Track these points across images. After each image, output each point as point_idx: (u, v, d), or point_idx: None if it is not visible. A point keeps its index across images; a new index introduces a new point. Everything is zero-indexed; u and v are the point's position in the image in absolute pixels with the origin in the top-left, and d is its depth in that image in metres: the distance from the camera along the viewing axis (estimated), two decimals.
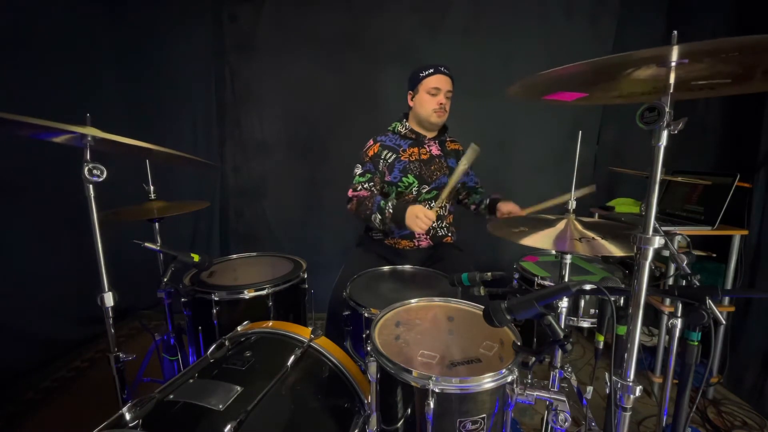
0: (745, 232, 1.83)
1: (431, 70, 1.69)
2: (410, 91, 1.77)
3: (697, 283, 0.92)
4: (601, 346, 1.04)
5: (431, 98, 1.70)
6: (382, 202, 1.62)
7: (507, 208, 1.72)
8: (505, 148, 2.69)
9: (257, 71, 2.64)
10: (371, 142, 1.80)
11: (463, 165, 1.49)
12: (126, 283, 1.28)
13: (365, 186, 1.73)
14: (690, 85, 0.81)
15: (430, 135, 1.82)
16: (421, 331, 1.08)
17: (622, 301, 1.08)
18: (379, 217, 1.61)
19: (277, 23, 2.57)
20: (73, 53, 2.21)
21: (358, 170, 1.77)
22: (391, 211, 1.58)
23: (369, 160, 1.75)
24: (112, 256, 1.10)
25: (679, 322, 1.01)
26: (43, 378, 2.01)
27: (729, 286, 1.86)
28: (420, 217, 1.48)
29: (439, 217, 1.84)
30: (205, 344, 1.48)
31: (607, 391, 0.82)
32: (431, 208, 1.60)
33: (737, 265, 1.85)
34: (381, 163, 1.75)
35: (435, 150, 1.82)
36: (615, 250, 0.99)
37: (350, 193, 1.75)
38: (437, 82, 1.69)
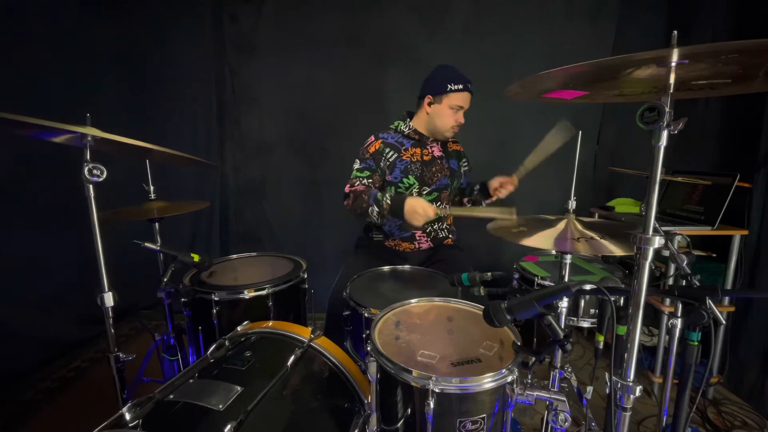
0: (745, 232, 1.83)
1: (461, 86, 1.62)
2: (429, 96, 1.68)
3: (697, 283, 0.92)
4: (601, 346, 1.04)
5: (452, 114, 1.66)
6: (379, 194, 1.55)
7: (497, 183, 1.71)
8: (505, 148, 2.68)
9: (257, 71, 2.64)
10: (372, 138, 1.76)
11: (487, 213, 1.36)
12: (126, 283, 1.27)
13: (363, 182, 1.67)
14: (690, 85, 0.81)
15: (432, 137, 1.80)
16: (421, 331, 1.08)
17: (622, 301, 1.08)
18: (377, 209, 1.53)
19: (277, 23, 2.57)
20: (73, 53, 2.21)
21: (357, 165, 1.72)
22: (389, 202, 1.51)
23: (370, 157, 1.71)
24: (112, 256, 1.10)
25: (679, 322, 1.01)
26: (43, 378, 2.02)
27: (729, 286, 1.86)
28: (419, 213, 1.42)
29: (439, 219, 1.83)
30: (205, 344, 1.48)
31: (607, 391, 0.82)
32: (441, 219, 1.54)
33: (737, 265, 1.85)
34: (382, 161, 1.72)
35: (437, 151, 1.80)
36: (615, 250, 0.99)
37: (347, 188, 1.68)
38: (462, 100, 1.65)
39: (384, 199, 1.52)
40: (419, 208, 1.43)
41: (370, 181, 1.69)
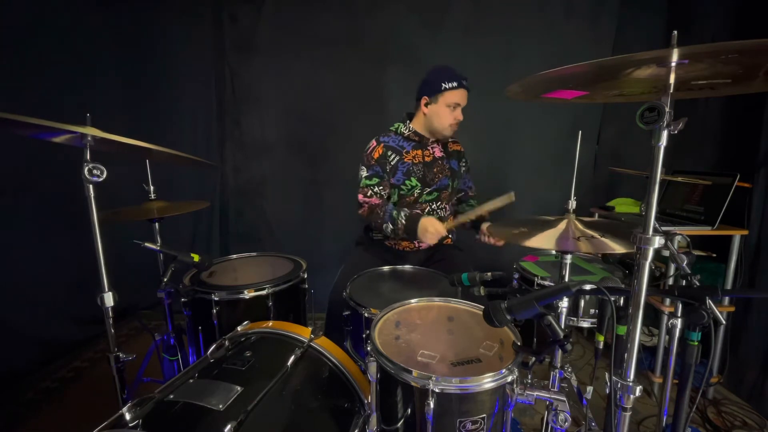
0: (745, 232, 1.83)
1: (455, 84, 1.61)
2: (425, 97, 1.67)
3: (697, 283, 0.92)
4: (601, 346, 1.04)
5: (449, 112, 1.66)
6: (395, 212, 1.62)
7: (485, 229, 1.69)
8: (505, 148, 2.69)
9: (257, 71, 2.64)
10: (374, 143, 1.76)
11: (490, 205, 1.52)
12: (126, 283, 1.28)
13: (375, 191, 1.70)
14: (690, 85, 0.81)
15: (433, 137, 1.80)
16: (421, 331, 1.08)
17: (622, 301, 1.08)
18: (391, 226, 1.62)
19: (277, 23, 2.57)
20: (73, 53, 2.20)
21: (365, 173, 1.72)
22: (404, 222, 1.58)
23: (375, 163, 1.71)
24: (112, 256, 1.10)
25: (679, 322, 1.01)
26: (43, 378, 2.01)
27: (729, 286, 1.86)
28: (431, 231, 1.51)
29: (439, 218, 1.83)
30: (205, 344, 1.48)
31: (607, 391, 0.82)
32: (442, 219, 1.58)
33: (737, 265, 1.85)
34: (387, 166, 1.72)
35: (438, 152, 1.80)
36: (616, 247, 0.99)
37: (361, 198, 1.72)
38: (459, 97, 1.64)
39: (399, 218, 1.60)
40: (431, 227, 1.52)
41: (381, 187, 1.71)
